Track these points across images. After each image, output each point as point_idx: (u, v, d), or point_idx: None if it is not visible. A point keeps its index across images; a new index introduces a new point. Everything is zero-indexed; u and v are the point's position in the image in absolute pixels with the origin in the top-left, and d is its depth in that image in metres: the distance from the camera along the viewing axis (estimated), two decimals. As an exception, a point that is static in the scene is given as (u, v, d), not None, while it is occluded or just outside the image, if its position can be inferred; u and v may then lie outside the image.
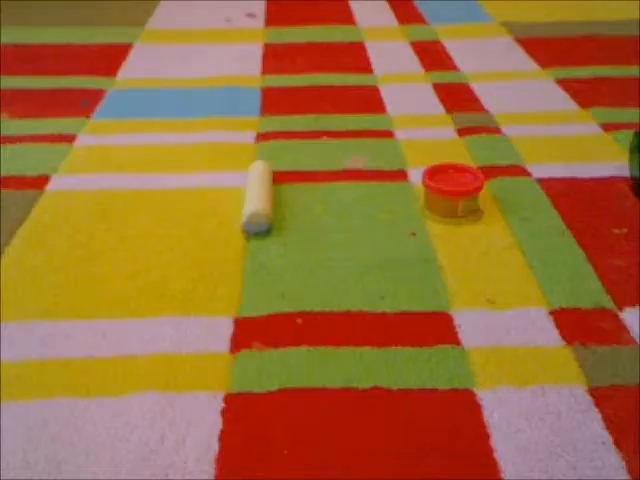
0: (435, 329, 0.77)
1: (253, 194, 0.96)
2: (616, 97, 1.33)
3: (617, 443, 0.63)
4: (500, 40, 1.64)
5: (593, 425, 0.65)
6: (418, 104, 1.32)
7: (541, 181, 1.05)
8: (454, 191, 0.95)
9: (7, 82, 1.42)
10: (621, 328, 0.77)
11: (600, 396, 0.68)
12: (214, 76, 1.45)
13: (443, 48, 1.60)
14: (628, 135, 1.08)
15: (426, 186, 0.97)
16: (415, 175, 1.05)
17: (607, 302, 0.81)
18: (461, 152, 1.14)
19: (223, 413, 0.67)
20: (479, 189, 0.97)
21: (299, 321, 0.78)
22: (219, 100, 1.34)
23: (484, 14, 1.83)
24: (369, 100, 1.34)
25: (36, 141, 1.18)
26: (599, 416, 0.66)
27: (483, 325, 0.78)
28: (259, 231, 0.93)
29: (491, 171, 1.07)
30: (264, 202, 0.95)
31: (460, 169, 1.01)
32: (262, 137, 1.20)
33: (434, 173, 0.99)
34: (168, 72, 1.48)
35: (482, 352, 0.74)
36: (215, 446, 0.64)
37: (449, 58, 1.54)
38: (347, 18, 1.84)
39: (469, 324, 0.78)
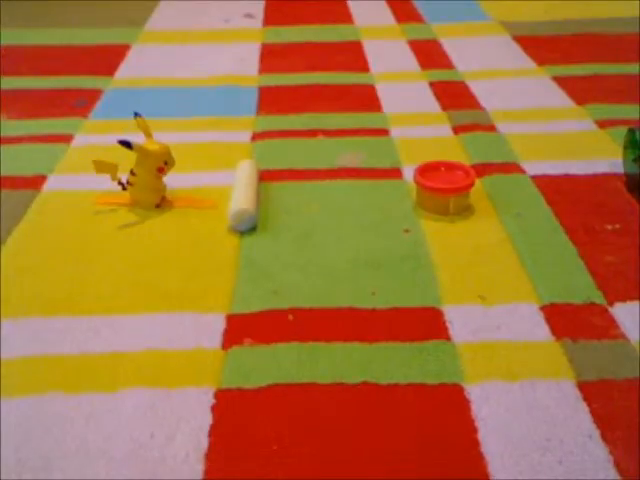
0: (425, 325, 0.77)
1: (237, 193, 0.97)
2: (612, 94, 1.33)
3: (604, 437, 0.64)
4: (498, 39, 1.65)
5: (581, 419, 0.65)
6: (414, 102, 1.33)
7: (535, 178, 1.05)
8: (445, 188, 0.96)
9: (5, 83, 1.42)
10: (611, 323, 0.77)
11: (588, 391, 0.69)
12: (212, 76, 1.46)
13: (440, 47, 1.60)
14: (623, 132, 1.07)
15: (417, 183, 0.98)
16: (410, 173, 1.05)
17: (598, 297, 0.81)
18: (456, 150, 1.14)
19: (213, 409, 0.67)
20: (470, 186, 0.97)
21: (290, 317, 0.79)
22: (216, 100, 1.35)
23: (482, 13, 1.84)
24: (365, 99, 1.34)
25: (33, 141, 1.18)
26: (587, 410, 0.66)
27: (473, 320, 0.78)
28: (245, 228, 0.94)
29: (485, 168, 1.07)
30: (247, 200, 0.95)
31: (451, 166, 1.01)
32: (258, 136, 1.20)
33: (425, 170, 0.99)
34: (166, 72, 1.48)
35: (472, 347, 0.74)
36: (205, 442, 0.64)
37: (446, 57, 1.54)
38: (345, 17, 1.84)
39: (460, 320, 0.78)
